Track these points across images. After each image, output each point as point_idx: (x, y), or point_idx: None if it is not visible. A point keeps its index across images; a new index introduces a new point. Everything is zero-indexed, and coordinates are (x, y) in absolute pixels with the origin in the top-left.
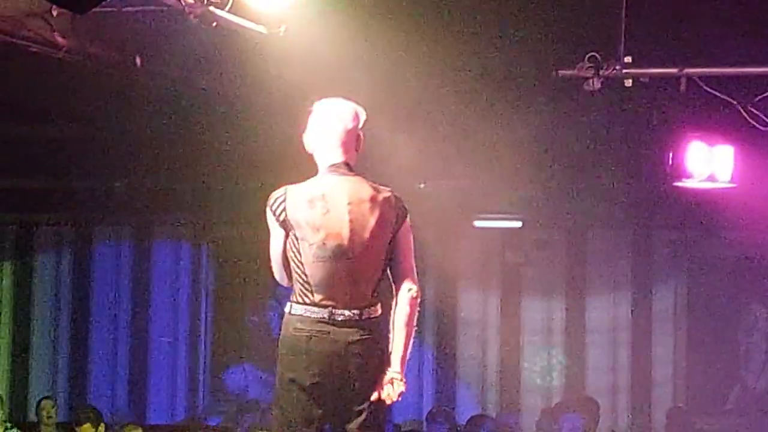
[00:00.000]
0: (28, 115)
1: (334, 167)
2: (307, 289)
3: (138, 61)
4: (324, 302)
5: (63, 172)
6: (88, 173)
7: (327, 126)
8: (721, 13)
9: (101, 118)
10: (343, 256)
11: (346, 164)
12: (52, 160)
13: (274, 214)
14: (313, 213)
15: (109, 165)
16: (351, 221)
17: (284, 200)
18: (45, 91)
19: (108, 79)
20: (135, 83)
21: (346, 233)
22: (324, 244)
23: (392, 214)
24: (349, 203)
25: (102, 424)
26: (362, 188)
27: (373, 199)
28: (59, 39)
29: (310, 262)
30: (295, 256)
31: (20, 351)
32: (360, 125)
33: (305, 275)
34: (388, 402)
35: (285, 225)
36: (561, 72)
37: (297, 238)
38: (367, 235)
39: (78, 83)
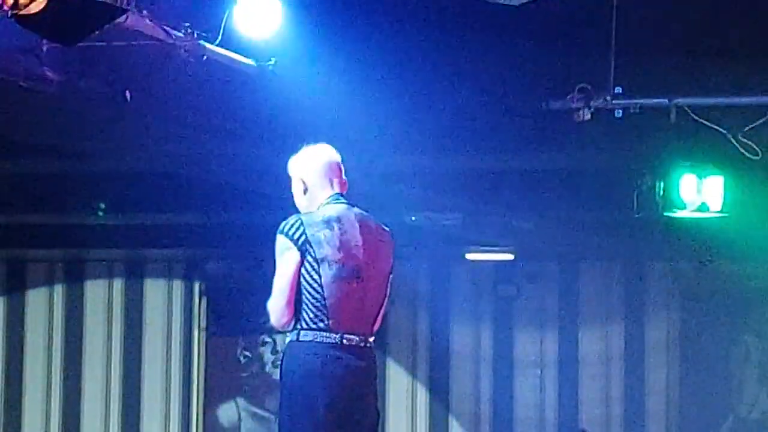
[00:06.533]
0: (18, 151)
1: (335, 197)
2: (322, 313)
3: (128, 95)
4: (336, 326)
5: (54, 206)
6: (79, 208)
7: (324, 162)
8: (710, 43)
9: (92, 153)
10: (359, 278)
11: (343, 196)
12: (42, 194)
13: (291, 238)
14: (332, 233)
15: (101, 199)
16: (364, 244)
17: (301, 223)
18: (35, 126)
19: (99, 113)
20: (125, 117)
21: (361, 256)
22: (344, 264)
23: (391, 247)
24: (360, 227)
25: None
26: (367, 217)
27: (377, 229)
28: (49, 74)
29: (329, 283)
30: (312, 279)
31: (13, 390)
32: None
33: (323, 297)
34: None
35: (303, 247)
36: (551, 104)
37: (317, 260)
38: (377, 260)
39: (69, 117)
